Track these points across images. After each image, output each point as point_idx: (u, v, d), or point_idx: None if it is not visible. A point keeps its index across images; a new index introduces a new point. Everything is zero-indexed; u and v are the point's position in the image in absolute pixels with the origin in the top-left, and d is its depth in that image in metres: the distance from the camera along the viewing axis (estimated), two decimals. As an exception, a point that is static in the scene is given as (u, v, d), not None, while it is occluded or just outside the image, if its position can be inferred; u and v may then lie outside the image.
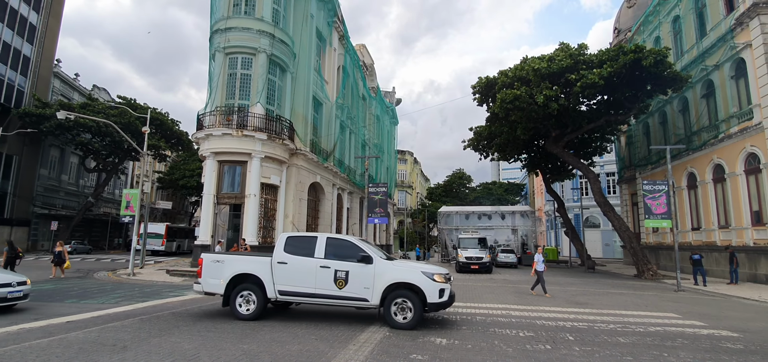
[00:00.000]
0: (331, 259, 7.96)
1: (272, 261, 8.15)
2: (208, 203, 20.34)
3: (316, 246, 8.11)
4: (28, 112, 30.89)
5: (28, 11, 32.95)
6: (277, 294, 8.02)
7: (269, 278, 8.06)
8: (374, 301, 7.67)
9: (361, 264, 7.81)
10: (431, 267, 8.00)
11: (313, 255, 8.02)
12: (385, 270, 7.75)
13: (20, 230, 32.70)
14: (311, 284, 7.89)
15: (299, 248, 8.21)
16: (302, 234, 8.70)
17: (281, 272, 8.06)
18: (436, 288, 7.56)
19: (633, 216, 30.80)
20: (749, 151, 18.39)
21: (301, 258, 8.06)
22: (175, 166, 44.64)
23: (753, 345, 7.01)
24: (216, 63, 21.21)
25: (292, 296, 8.04)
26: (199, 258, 8.61)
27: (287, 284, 8.02)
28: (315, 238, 8.26)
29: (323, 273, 7.86)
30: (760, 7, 17.60)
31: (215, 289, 8.34)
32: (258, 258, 8.48)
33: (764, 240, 17.46)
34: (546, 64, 20.67)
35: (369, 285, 7.69)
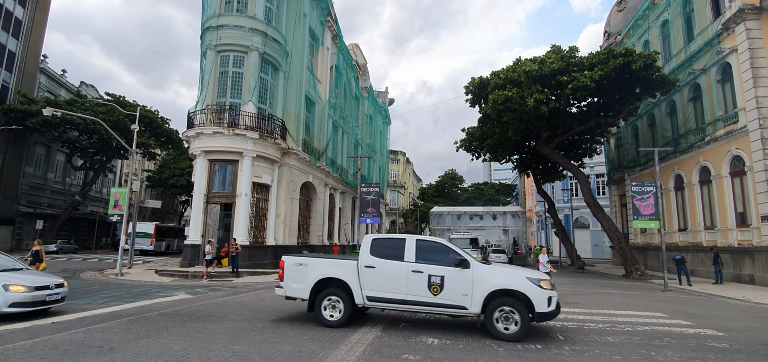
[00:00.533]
0: (422, 263, 7.43)
1: (359, 265, 7.73)
2: (199, 202, 20.12)
3: (406, 249, 7.64)
4: (13, 108, 30.24)
5: (13, 5, 32.25)
6: (365, 299, 7.59)
7: (356, 283, 7.66)
8: (474, 309, 7.10)
9: (458, 269, 7.24)
10: (535, 273, 7.49)
11: (402, 259, 7.55)
12: (485, 276, 7.18)
13: (4, 229, 31.99)
14: (402, 290, 7.40)
15: (387, 251, 7.76)
16: (389, 236, 8.29)
17: (369, 277, 7.62)
18: (545, 296, 6.90)
19: (622, 217, 31.24)
20: (734, 154, 18.78)
21: (391, 262, 7.59)
22: (164, 165, 44.08)
23: (737, 344, 7.16)
24: (207, 61, 20.99)
25: (382, 303, 7.59)
26: (281, 262, 8.26)
27: (376, 289, 7.57)
28: (403, 240, 7.82)
29: (415, 278, 7.34)
30: (745, 12, 17.97)
31: (298, 294, 7.99)
32: (344, 261, 8.09)
33: (748, 241, 17.84)
34: (538, 67, 20.85)
35: (467, 291, 7.11)
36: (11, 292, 7.99)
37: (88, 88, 42.14)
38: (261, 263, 20.52)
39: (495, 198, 59.49)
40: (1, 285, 8.01)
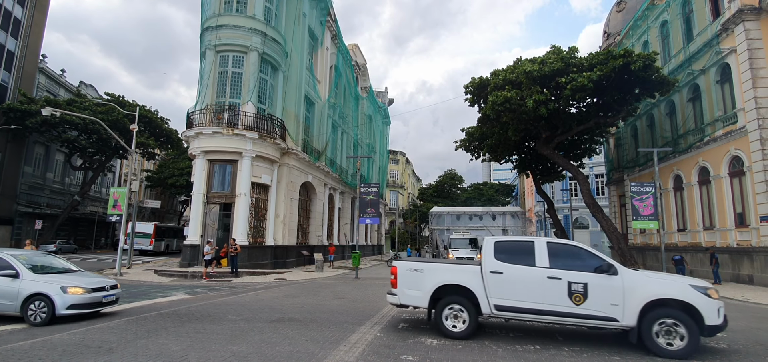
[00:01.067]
0: (558, 268, 6.73)
1: (483, 271, 7.10)
2: (198, 202, 20.11)
3: (536, 253, 6.97)
4: (13, 107, 30.20)
5: (12, 5, 32.21)
6: (493, 309, 6.92)
7: (482, 290, 7.01)
8: (627, 322, 6.33)
9: (603, 276, 6.53)
10: (698, 280, 6.78)
11: (534, 264, 6.87)
12: (638, 283, 6.45)
13: (3, 229, 31.95)
14: (537, 298, 6.70)
15: (514, 255, 7.10)
16: (514, 238, 7.83)
17: (496, 283, 6.94)
18: (714, 307, 6.11)
19: (621, 217, 31.25)
20: (733, 154, 18.80)
21: (521, 268, 6.92)
22: (164, 165, 44.07)
23: (736, 344, 7.17)
24: (207, 61, 20.98)
25: (513, 313, 6.88)
26: (392, 267, 7.69)
27: (505, 297, 6.87)
28: (531, 243, 7.18)
29: (552, 286, 6.64)
30: (744, 13, 17.99)
31: (415, 302, 7.39)
32: (465, 267, 7.45)
33: (747, 241, 17.86)
34: (538, 67, 20.84)
35: (618, 301, 6.36)
36: (69, 294, 8.02)
37: (88, 88, 42.10)
38: (260, 263, 20.52)
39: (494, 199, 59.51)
40: (59, 287, 8.03)
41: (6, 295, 7.99)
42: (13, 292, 7.98)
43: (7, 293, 8.01)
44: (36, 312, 7.94)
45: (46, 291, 7.97)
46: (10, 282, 8.05)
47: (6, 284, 8.05)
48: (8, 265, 8.26)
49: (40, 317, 7.87)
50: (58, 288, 8.05)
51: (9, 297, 7.97)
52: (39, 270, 8.54)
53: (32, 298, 7.96)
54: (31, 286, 8.03)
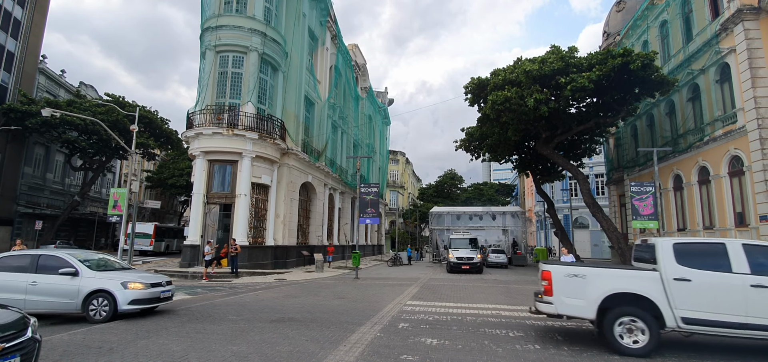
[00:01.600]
0: (763, 275, 5.90)
1: (664, 277, 6.23)
2: (198, 203, 20.12)
3: (731, 257, 6.09)
4: (13, 108, 30.19)
5: (12, 5, 32.20)
6: (681, 322, 6.04)
7: (664, 300, 6.14)
8: None
9: None
10: None
11: (730, 270, 6.02)
12: None
13: (3, 229, 31.93)
14: (739, 310, 5.83)
15: (702, 259, 6.25)
16: (699, 240, 7.06)
17: (683, 292, 6.07)
18: None
19: (621, 217, 31.26)
20: (733, 154, 18.80)
21: (713, 274, 6.08)
22: (164, 165, 44.06)
23: (736, 343, 7.17)
24: (206, 61, 20.99)
25: (706, 326, 6.01)
26: (543, 271, 6.88)
27: (696, 309, 5.99)
28: (722, 245, 6.28)
29: (759, 296, 5.78)
30: (744, 13, 18.00)
31: (577, 312, 6.59)
32: (638, 272, 6.55)
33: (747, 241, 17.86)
34: (538, 67, 20.86)
35: None
36: (130, 290, 8.10)
37: (87, 89, 42.09)
38: (260, 263, 20.52)
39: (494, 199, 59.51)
40: (120, 283, 8.10)
41: (66, 294, 7.94)
42: (73, 290, 7.95)
43: (68, 291, 7.95)
44: (98, 308, 7.96)
45: (107, 288, 7.99)
46: (70, 281, 8.02)
47: (65, 282, 8.00)
48: (67, 264, 8.23)
49: (101, 313, 7.90)
50: (119, 284, 8.06)
51: (69, 295, 7.93)
52: (95, 268, 8.55)
53: (93, 295, 7.96)
54: (92, 283, 8.03)
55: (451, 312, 9.85)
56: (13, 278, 8.08)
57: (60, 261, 8.30)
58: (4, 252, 9.08)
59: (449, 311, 10.04)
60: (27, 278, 8.02)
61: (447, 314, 9.60)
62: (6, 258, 8.48)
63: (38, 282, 8.01)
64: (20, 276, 8.07)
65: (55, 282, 8.04)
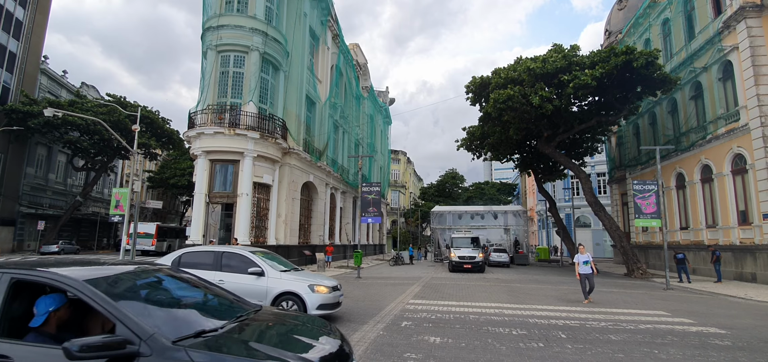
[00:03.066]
0: None
1: None
2: (200, 202, 20.13)
3: None
4: (15, 109, 30.26)
5: (14, 7, 32.28)
6: None
7: None
8: None
9: None
10: None
11: None
12: None
13: (6, 230, 32.03)
14: None
15: None
16: None
17: None
18: None
19: (623, 216, 31.19)
20: (736, 152, 18.74)
21: None
22: (165, 165, 44.11)
23: (740, 342, 7.14)
24: (208, 61, 21.00)
25: None
26: None
27: None
28: None
29: None
30: (746, 10, 17.93)
31: None
32: None
33: (750, 239, 17.80)
34: (540, 65, 20.81)
35: None
36: (317, 293, 7.60)
37: (89, 89, 42.17)
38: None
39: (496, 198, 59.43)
40: (307, 286, 7.61)
41: (254, 295, 7.45)
42: (261, 291, 7.49)
43: (256, 292, 7.49)
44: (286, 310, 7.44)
45: (295, 290, 7.49)
46: (256, 281, 7.61)
47: (252, 282, 7.58)
48: (253, 263, 7.80)
49: None
50: (307, 287, 7.54)
51: (258, 296, 7.46)
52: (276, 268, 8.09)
53: (282, 297, 7.49)
54: (279, 284, 7.55)
55: (453, 311, 9.83)
56: (200, 274, 7.67)
57: (245, 259, 7.88)
58: (183, 249, 8.70)
59: (452, 310, 10.02)
60: (213, 276, 7.56)
61: (449, 313, 9.58)
62: (191, 254, 8.12)
63: (225, 282, 7.48)
64: (207, 274, 7.55)
65: (242, 282, 7.53)
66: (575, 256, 12.61)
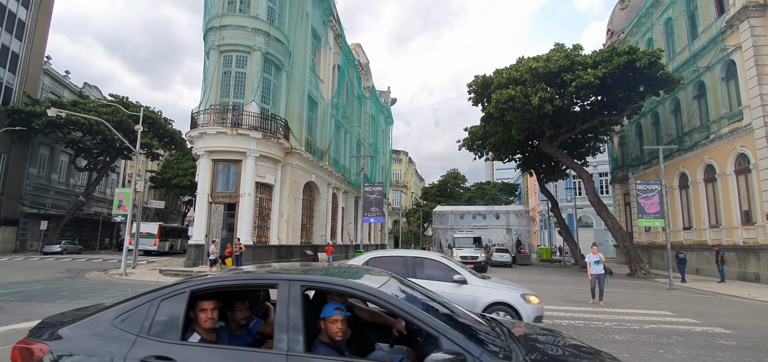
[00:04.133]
0: None
1: None
2: (202, 202, 20.16)
3: None
4: (18, 109, 30.36)
5: (17, 7, 32.37)
6: None
7: None
8: None
9: None
10: None
11: None
12: None
13: (9, 230, 32.13)
14: None
15: None
16: None
17: None
18: None
19: (625, 216, 31.12)
20: (739, 152, 18.68)
21: None
22: (167, 165, 44.21)
23: (746, 342, 7.12)
24: (210, 61, 21.03)
25: None
26: None
27: None
28: None
29: None
30: (749, 10, 17.88)
31: None
32: None
33: (753, 239, 17.75)
34: (543, 64, 20.78)
35: None
36: (531, 304, 6.71)
37: (92, 89, 42.27)
38: (264, 263, 20.56)
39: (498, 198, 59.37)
40: (519, 296, 6.77)
41: (459, 304, 6.53)
42: (466, 301, 6.59)
43: (461, 302, 6.41)
44: None
45: (508, 300, 6.65)
46: (459, 289, 6.81)
47: (454, 291, 6.74)
48: (454, 270, 7.09)
49: None
50: (520, 297, 6.72)
51: (464, 305, 6.22)
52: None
53: (492, 308, 6.63)
54: (487, 293, 6.77)
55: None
56: None
57: (444, 266, 7.15)
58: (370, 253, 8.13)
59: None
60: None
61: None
62: (379, 260, 7.46)
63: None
64: None
65: (444, 292, 6.60)
66: (587, 256, 12.39)
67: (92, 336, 2.45)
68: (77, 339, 2.45)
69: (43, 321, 2.73)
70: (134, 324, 2.47)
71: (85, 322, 2.53)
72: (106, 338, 2.44)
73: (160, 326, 2.47)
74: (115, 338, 2.43)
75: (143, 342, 2.40)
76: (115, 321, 2.49)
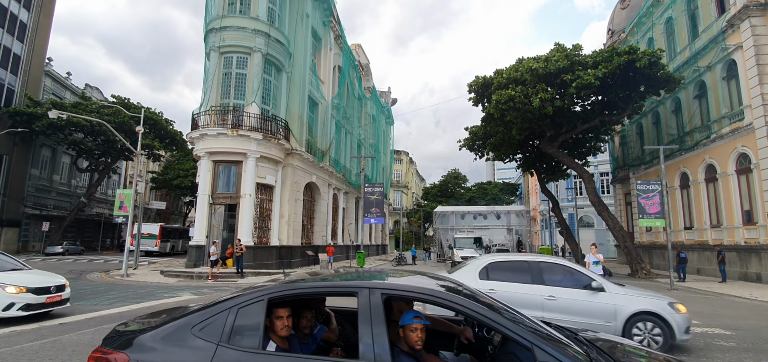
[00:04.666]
0: None
1: None
2: (203, 203, 20.20)
3: None
4: (19, 111, 30.48)
5: (18, 9, 32.49)
6: None
7: None
8: None
9: None
10: None
11: None
12: None
13: (10, 231, 32.25)
14: None
15: None
16: None
17: None
18: None
19: (626, 216, 31.07)
20: (740, 151, 18.64)
21: None
22: (168, 166, 44.32)
23: (745, 343, 7.10)
24: (211, 62, 21.07)
25: None
26: None
27: None
28: None
29: None
30: (750, 9, 17.83)
31: None
32: None
33: (755, 239, 17.71)
34: (543, 64, 20.77)
35: None
36: (681, 314, 6.22)
37: (93, 91, 42.41)
38: (265, 264, 20.58)
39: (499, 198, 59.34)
40: (666, 303, 6.36)
41: (597, 314, 6.23)
42: (606, 311, 6.25)
43: (599, 312, 6.24)
44: (645, 335, 6.08)
45: (654, 309, 6.20)
46: (594, 297, 6.37)
47: (589, 299, 6.32)
48: (590, 276, 6.65)
49: (653, 345, 6.04)
50: (666, 305, 6.24)
51: (603, 316, 6.22)
52: None
53: (636, 318, 6.18)
54: (629, 302, 6.29)
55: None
56: (522, 290, 6.57)
57: (575, 271, 6.71)
58: (489, 256, 7.69)
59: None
60: (537, 291, 6.53)
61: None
62: (500, 264, 7.09)
63: (557, 297, 6.41)
64: (527, 288, 6.59)
65: (578, 300, 6.39)
66: (586, 256, 12.34)
67: (172, 345, 2.43)
68: (157, 348, 2.42)
69: (115, 330, 2.72)
70: (214, 333, 2.44)
71: (161, 330, 2.51)
72: (187, 347, 2.41)
73: (240, 334, 2.44)
74: (197, 347, 2.40)
75: (225, 351, 2.37)
76: (194, 329, 2.47)
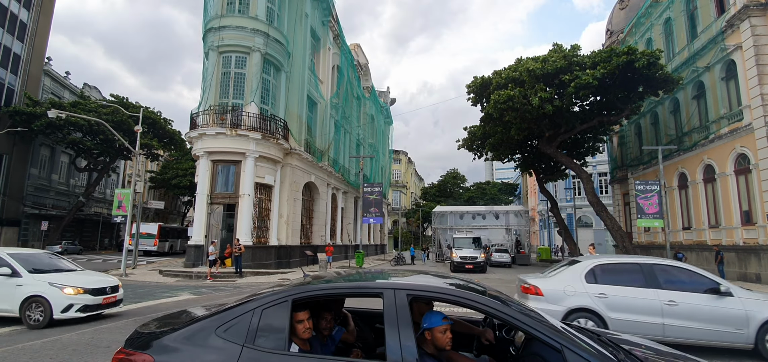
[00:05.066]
0: None
1: None
2: (202, 203, 20.19)
3: None
4: (19, 110, 30.42)
5: (18, 9, 32.43)
6: None
7: None
8: None
9: None
10: None
11: None
12: None
13: (10, 230, 32.18)
14: None
15: None
16: None
17: None
18: None
19: (625, 216, 31.12)
20: (739, 152, 18.67)
21: None
22: (167, 166, 44.28)
23: (743, 343, 7.11)
24: (210, 62, 21.06)
25: None
26: None
27: None
28: None
29: None
30: (750, 9, 17.87)
31: None
32: None
33: (754, 239, 17.74)
34: (541, 65, 20.80)
35: None
36: None
37: (92, 90, 42.33)
38: (264, 263, 20.58)
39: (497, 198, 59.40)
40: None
41: (731, 321, 6.00)
42: (736, 317, 5.99)
43: (727, 318, 6.01)
44: None
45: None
46: (717, 301, 6.10)
47: (714, 305, 6.06)
48: (710, 280, 6.32)
49: None
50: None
51: (736, 323, 5.97)
52: None
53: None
54: (764, 308, 6.05)
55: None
56: (637, 294, 6.24)
57: (695, 275, 6.34)
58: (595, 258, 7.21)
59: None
60: (653, 295, 6.18)
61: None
62: (610, 266, 6.71)
63: (678, 303, 6.08)
64: (640, 292, 6.25)
65: (700, 305, 6.09)
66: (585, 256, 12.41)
67: (197, 347, 2.41)
68: (182, 349, 2.41)
69: (137, 331, 2.71)
70: (238, 334, 2.43)
71: (185, 331, 2.49)
72: (212, 348, 2.40)
73: (264, 336, 2.43)
74: (222, 348, 2.38)
75: (250, 353, 2.35)
76: (218, 330, 2.45)
